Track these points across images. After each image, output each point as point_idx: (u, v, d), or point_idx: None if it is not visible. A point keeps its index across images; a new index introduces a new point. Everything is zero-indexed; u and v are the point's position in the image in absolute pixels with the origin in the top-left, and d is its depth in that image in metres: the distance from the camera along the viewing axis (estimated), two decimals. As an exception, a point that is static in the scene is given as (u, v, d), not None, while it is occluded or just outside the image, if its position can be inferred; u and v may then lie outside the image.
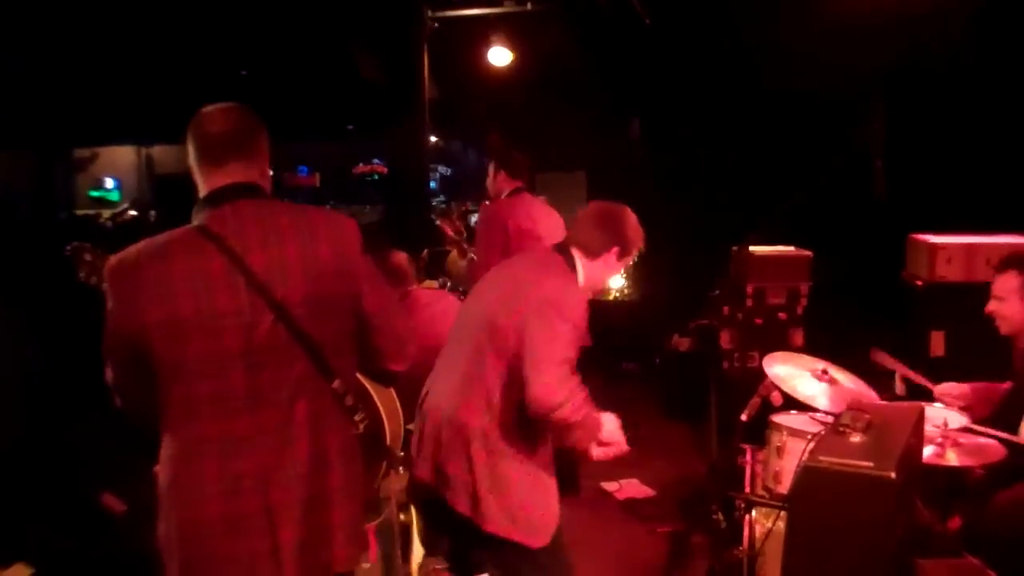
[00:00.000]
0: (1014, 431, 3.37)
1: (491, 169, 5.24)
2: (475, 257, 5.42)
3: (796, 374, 3.49)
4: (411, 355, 2.33)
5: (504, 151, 5.28)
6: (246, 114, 2.16)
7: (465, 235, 6.07)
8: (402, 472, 2.72)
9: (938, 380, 3.73)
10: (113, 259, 2.06)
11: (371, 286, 2.19)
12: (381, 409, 2.70)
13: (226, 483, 2.00)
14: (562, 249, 3.03)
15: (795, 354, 3.84)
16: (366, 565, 2.92)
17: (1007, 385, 3.64)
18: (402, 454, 2.77)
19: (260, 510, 2.01)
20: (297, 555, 2.03)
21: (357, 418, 2.19)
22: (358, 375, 2.33)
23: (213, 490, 2.00)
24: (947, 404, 3.48)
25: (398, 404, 2.81)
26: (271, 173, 2.23)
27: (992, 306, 3.53)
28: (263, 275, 2.00)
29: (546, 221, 5.08)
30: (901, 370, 3.74)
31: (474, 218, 8.30)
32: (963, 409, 3.47)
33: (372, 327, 2.20)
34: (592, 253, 3.00)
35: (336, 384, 2.11)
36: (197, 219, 2.06)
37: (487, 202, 5.44)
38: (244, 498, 2.00)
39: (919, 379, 3.70)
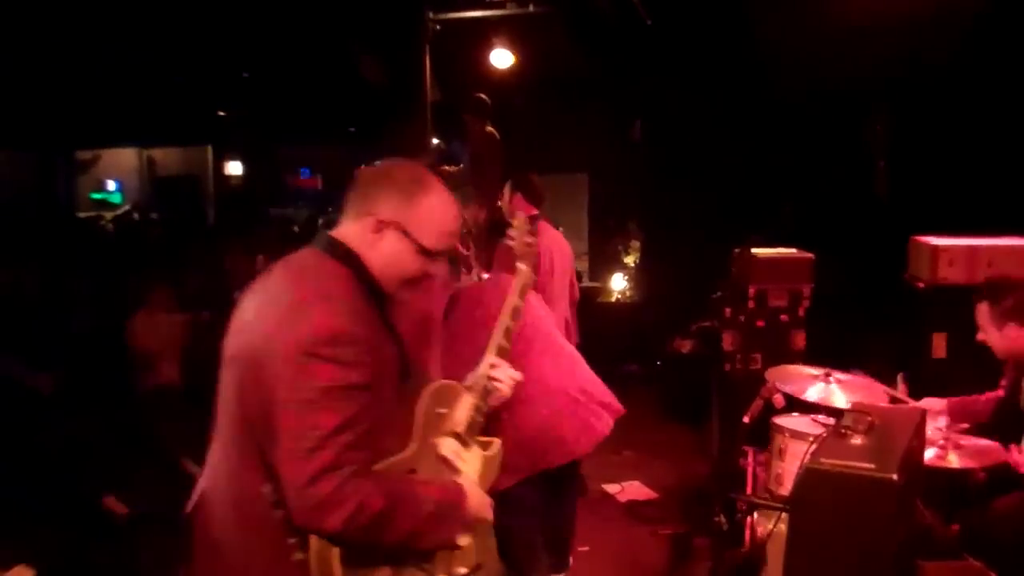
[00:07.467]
0: (1015, 443, 3.37)
1: (507, 189, 5.17)
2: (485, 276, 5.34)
3: (803, 383, 3.51)
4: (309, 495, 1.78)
5: (523, 175, 5.18)
6: (403, 167, 2.05)
7: (472, 250, 5.97)
8: None
9: (939, 382, 3.73)
10: None
11: (290, 388, 1.80)
12: None
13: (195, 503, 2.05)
14: None
15: (796, 366, 3.85)
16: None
17: (987, 396, 3.64)
18: None
19: (204, 536, 2.01)
20: None
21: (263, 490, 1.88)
22: None
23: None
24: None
25: None
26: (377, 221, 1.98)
27: (980, 336, 3.59)
28: (235, 320, 1.99)
29: (562, 261, 4.99)
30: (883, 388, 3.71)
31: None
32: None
33: (274, 426, 1.82)
34: None
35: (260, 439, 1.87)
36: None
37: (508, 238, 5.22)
38: (200, 521, 2.02)
39: (902, 395, 3.70)
